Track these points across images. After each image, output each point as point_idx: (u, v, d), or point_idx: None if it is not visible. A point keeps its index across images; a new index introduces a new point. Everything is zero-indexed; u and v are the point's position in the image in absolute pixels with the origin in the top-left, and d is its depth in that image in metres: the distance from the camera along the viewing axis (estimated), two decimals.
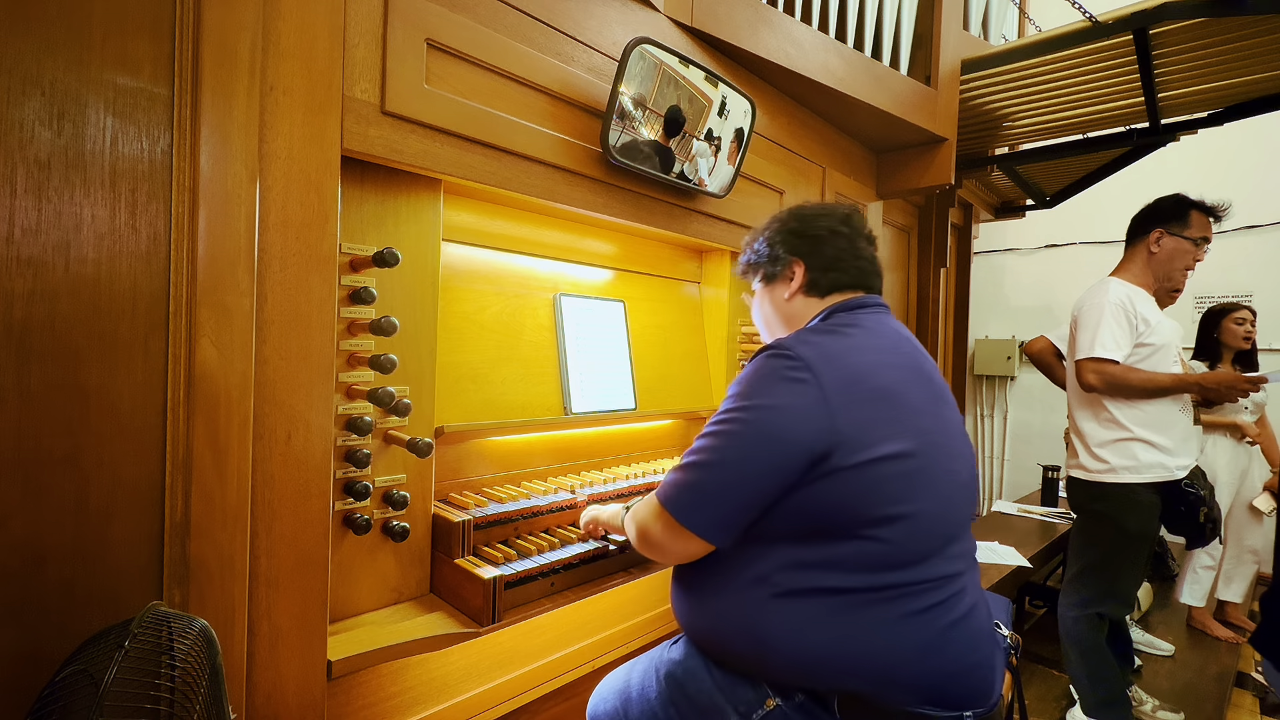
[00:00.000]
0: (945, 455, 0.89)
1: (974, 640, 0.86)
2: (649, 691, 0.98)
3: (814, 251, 1.05)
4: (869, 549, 0.82)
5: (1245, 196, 3.78)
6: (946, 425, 0.93)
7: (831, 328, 0.96)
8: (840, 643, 0.81)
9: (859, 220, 1.10)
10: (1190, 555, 2.89)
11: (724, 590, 0.89)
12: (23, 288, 0.74)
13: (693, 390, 1.96)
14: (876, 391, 0.86)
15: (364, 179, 1.11)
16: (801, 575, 0.83)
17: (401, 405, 1.13)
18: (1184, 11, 1.85)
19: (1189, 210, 1.97)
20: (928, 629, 0.82)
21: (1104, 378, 1.91)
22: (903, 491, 0.83)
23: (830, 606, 0.82)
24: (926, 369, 0.96)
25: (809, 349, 0.87)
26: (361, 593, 1.15)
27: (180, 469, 0.84)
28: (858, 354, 0.89)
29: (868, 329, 0.95)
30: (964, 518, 0.93)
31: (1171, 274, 2.00)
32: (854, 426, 0.82)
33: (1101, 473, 1.97)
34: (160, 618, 0.69)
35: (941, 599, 0.84)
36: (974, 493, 0.97)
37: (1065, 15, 2.14)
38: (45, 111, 0.74)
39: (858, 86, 1.99)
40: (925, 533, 0.84)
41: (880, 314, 1.02)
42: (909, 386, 0.90)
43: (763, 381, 0.87)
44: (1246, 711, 2.41)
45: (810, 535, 0.84)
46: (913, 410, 0.88)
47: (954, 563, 0.88)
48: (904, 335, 1.00)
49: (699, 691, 0.91)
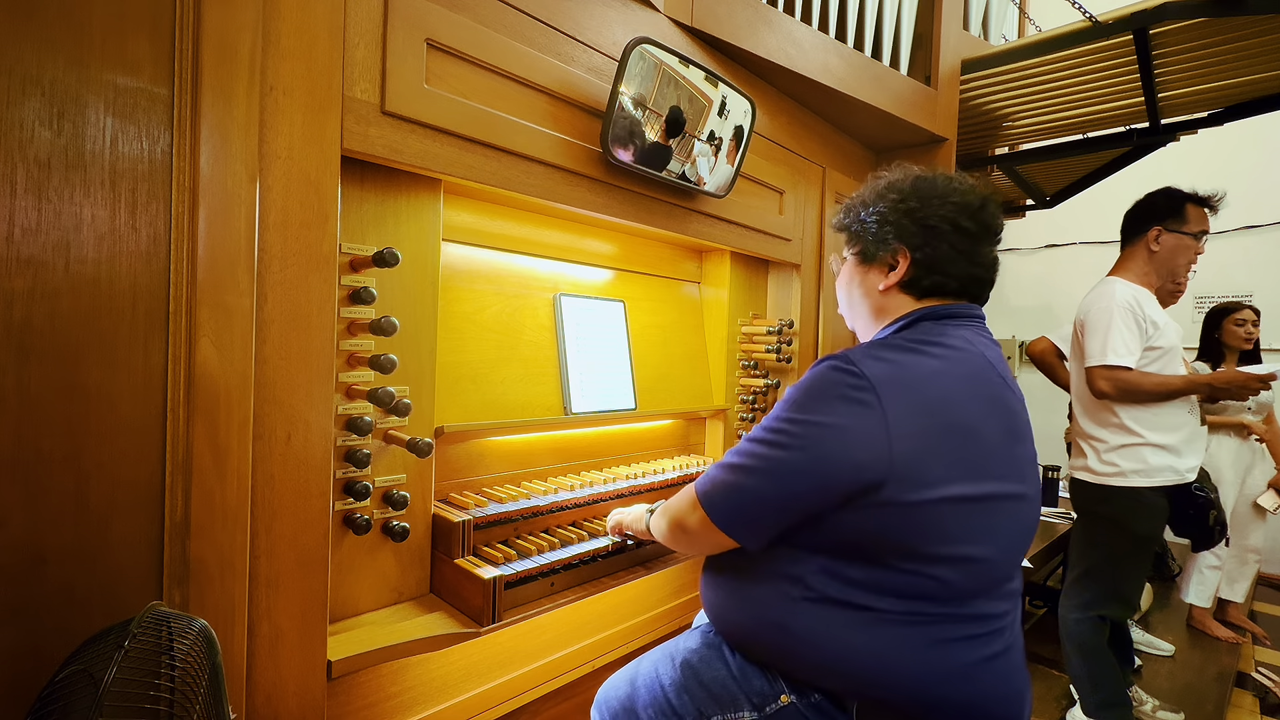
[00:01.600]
0: (1013, 500, 0.83)
1: (1007, 676, 0.82)
2: (662, 678, 0.96)
3: (927, 245, 0.91)
4: (915, 583, 0.78)
5: (1245, 196, 3.79)
6: (1020, 467, 0.85)
7: (913, 343, 0.85)
8: (869, 654, 0.78)
9: (992, 214, 0.93)
10: (1195, 555, 2.89)
11: (757, 582, 0.87)
12: (23, 287, 0.74)
13: (693, 390, 1.96)
14: (949, 427, 0.78)
15: (364, 179, 1.11)
16: (837, 586, 0.80)
17: (401, 405, 1.13)
18: (1184, 11, 1.85)
19: (1184, 204, 1.94)
20: (962, 658, 0.79)
21: (1116, 384, 1.89)
22: (961, 534, 0.77)
23: (864, 619, 0.79)
24: (1009, 402, 0.87)
25: (879, 367, 0.79)
26: (361, 593, 1.15)
27: (180, 469, 0.84)
28: (935, 380, 0.80)
29: (954, 350, 0.84)
30: (1020, 559, 0.88)
31: (1175, 270, 1.98)
32: (914, 461, 0.76)
33: (1110, 476, 1.95)
34: (160, 618, 0.69)
35: (981, 633, 0.80)
36: (1034, 530, 0.90)
37: (1065, 15, 2.13)
38: (45, 111, 0.74)
39: (858, 86, 1.99)
40: (979, 576, 0.80)
41: (974, 329, 0.91)
42: (986, 422, 0.82)
43: (822, 396, 0.80)
44: (1246, 711, 2.41)
45: (853, 554, 0.80)
46: (987, 450, 0.81)
47: (1001, 602, 0.84)
48: (991, 359, 0.88)
49: (714, 679, 0.90)
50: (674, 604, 1.74)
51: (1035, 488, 0.89)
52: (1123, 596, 2.01)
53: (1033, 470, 0.89)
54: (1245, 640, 2.88)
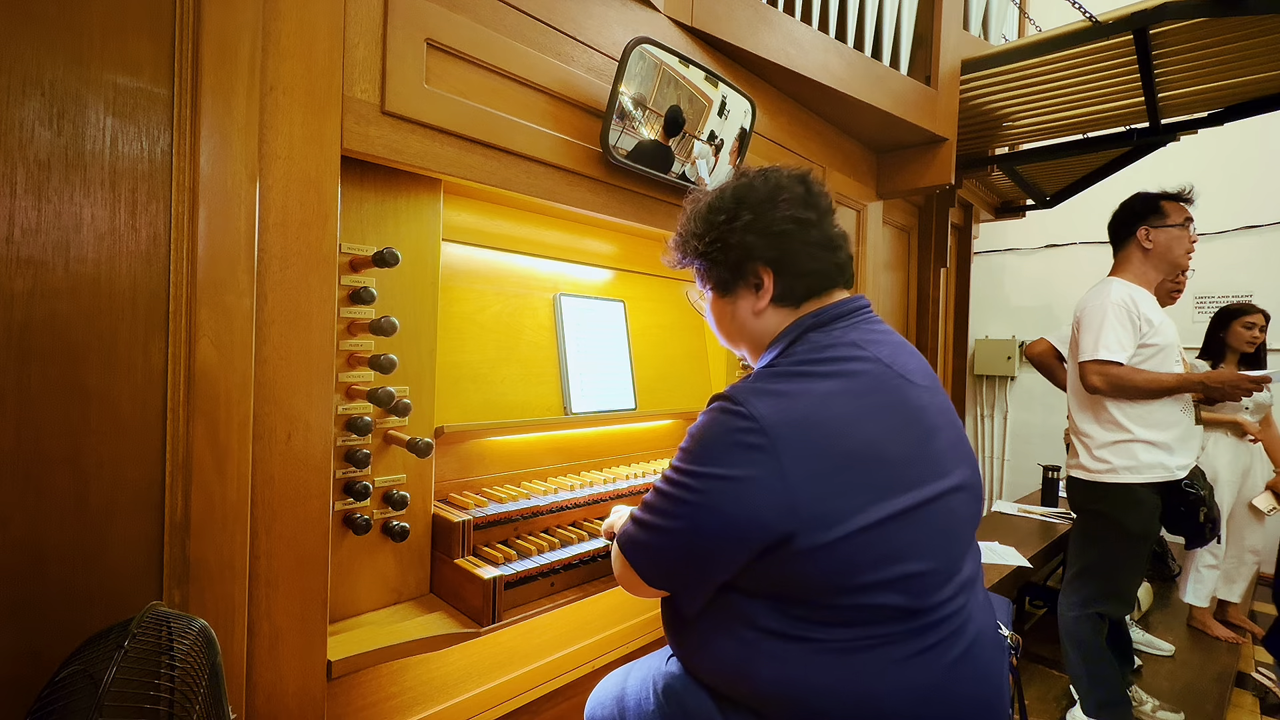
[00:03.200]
0: (938, 500, 0.80)
1: (981, 672, 0.81)
2: (646, 704, 0.96)
3: (784, 254, 0.88)
4: (861, 612, 0.75)
5: (1245, 196, 3.79)
6: (939, 462, 0.82)
7: (802, 365, 0.82)
8: (837, 688, 0.75)
9: (818, 191, 0.90)
10: (1192, 555, 2.89)
11: (712, 631, 0.84)
12: (23, 287, 0.74)
13: (693, 390, 1.96)
14: (850, 454, 0.75)
15: (364, 179, 1.11)
16: (789, 624, 0.78)
17: (401, 405, 1.13)
18: (1184, 11, 1.85)
19: (1158, 202, 2.00)
20: (931, 670, 0.77)
21: (1108, 379, 1.91)
22: (891, 555, 0.75)
23: (825, 651, 0.76)
24: (914, 400, 0.83)
25: (768, 406, 0.76)
26: (361, 593, 1.15)
27: (180, 469, 0.84)
28: (828, 406, 0.77)
29: (846, 363, 0.82)
30: (965, 550, 0.85)
31: (1176, 261, 2.01)
32: (819, 504, 0.73)
33: (1102, 473, 1.97)
34: (160, 618, 0.69)
35: (944, 635, 0.78)
36: (977, 513, 0.88)
37: (1065, 15, 2.13)
38: (45, 111, 0.74)
39: (858, 86, 1.99)
40: (923, 588, 0.77)
41: (862, 326, 0.88)
42: (892, 434, 0.79)
43: (714, 444, 0.77)
44: (1246, 711, 2.41)
45: (792, 596, 0.77)
46: (899, 464, 0.78)
47: (957, 596, 0.81)
48: (884, 360, 0.85)
49: (698, 709, 0.88)
50: None
51: (966, 472, 0.85)
52: (1120, 593, 2.02)
53: (957, 455, 0.85)
54: (1245, 640, 2.88)
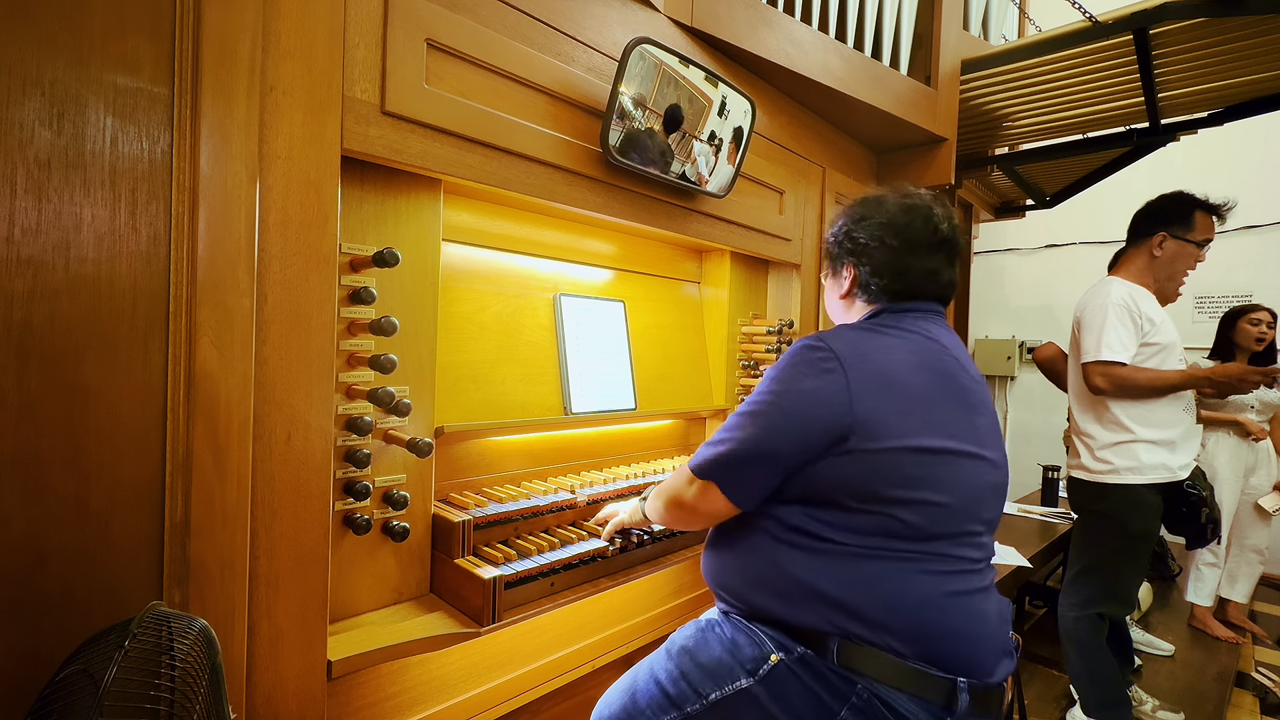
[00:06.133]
0: (971, 458, 0.94)
1: (976, 613, 0.90)
2: (658, 674, 1.02)
3: (863, 259, 1.08)
4: (880, 522, 0.88)
5: (1245, 196, 3.78)
6: (978, 434, 0.96)
7: (874, 326, 1.01)
8: (842, 586, 0.88)
9: (919, 230, 1.05)
10: (1193, 554, 2.89)
11: (748, 533, 0.99)
12: (23, 287, 0.74)
13: (693, 390, 1.96)
14: (903, 392, 0.91)
15: (364, 179, 1.11)
16: (814, 525, 0.92)
17: (401, 405, 1.13)
18: (1184, 11, 1.85)
19: (1193, 211, 1.95)
20: (930, 589, 0.88)
21: (1111, 380, 1.90)
22: (920, 480, 0.88)
23: (836, 554, 0.90)
24: (962, 379, 0.98)
25: (841, 343, 0.94)
26: (361, 593, 1.15)
27: (180, 469, 0.84)
28: (888, 353, 0.95)
29: (908, 333, 0.99)
30: (987, 516, 0.97)
31: (1174, 275, 2.00)
32: (873, 415, 0.88)
33: (1104, 473, 1.97)
34: (160, 618, 0.69)
35: (948, 570, 0.90)
36: (1002, 495, 1.00)
37: (1065, 15, 2.13)
38: (45, 111, 0.74)
39: (858, 86, 1.99)
40: (943, 520, 0.90)
41: (927, 319, 1.04)
42: (937, 391, 0.94)
43: (795, 369, 0.95)
44: (1246, 711, 2.41)
45: (825, 501, 0.91)
46: (941, 413, 0.93)
47: (968, 550, 0.93)
48: (945, 344, 1.01)
49: (709, 658, 0.97)
50: (674, 604, 1.74)
51: (998, 455, 0.99)
52: (1121, 594, 2.02)
53: (993, 439, 0.99)
54: (1245, 640, 2.88)
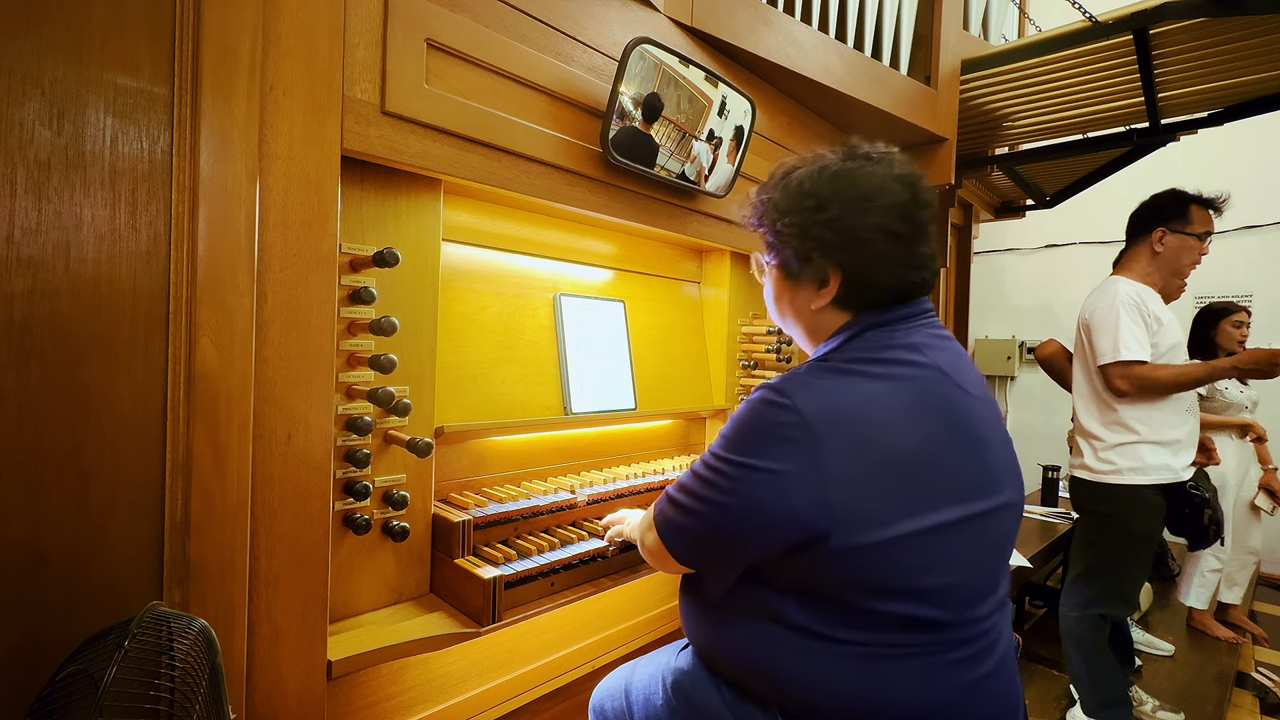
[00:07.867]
0: (987, 517, 0.77)
1: (1004, 690, 0.80)
2: (654, 699, 0.96)
3: (856, 259, 0.82)
4: (890, 617, 0.73)
5: (1246, 196, 3.79)
6: (991, 471, 0.79)
7: (854, 362, 0.79)
8: (862, 691, 0.74)
9: (924, 200, 0.83)
10: (1196, 557, 2.88)
11: (739, 620, 0.82)
12: (23, 287, 0.74)
13: (693, 390, 1.96)
14: (895, 459, 0.73)
15: (364, 179, 1.11)
16: (818, 622, 0.75)
17: (401, 405, 1.13)
18: (1184, 11, 1.85)
19: (1189, 206, 1.96)
20: (958, 681, 0.75)
21: (1133, 381, 1.88)
22: (924, 566, 0.73)
23: (851, 654, 0.74)
24: (968, 410, 0.80)
25: (812, 399, 0.74)
26: (361, 593, 1.15)
27: (180, 469, 0.84)
28: (875, 408, 0.74)
29: (901, 366, 0.78)
30: (1003, 567, 0.83)
31: (1180, 270, 2.00)
32: (855, 506, 0.71)
33: (1107, 474, 1.96)
34: (160, 618, 0.69)
35: (974, 651, 0.77)
36: (1014, 535, 0.85)
37: (1065, 15, 2.13)
38: (45, 111, 0.74)
39: (858, 86, 1.99)
40: (955, 601, 0.75)
41: (924, 330, 0.84)
42: (940, 443, 0.76)
43: (753, 434, 0.76)
44: (1246, 711, 2.41)
45: (821, 594, 0.75)
46: (948, 473, 0.75)
47: (992, 615, 0.80)
48: (943, 366, 0.81)
49: (707, 704, 0.87)
50: (674, 604, 1.74)
51: (1013, 491, 0.83)
52: (1122, 595, 2.02)
53: (1007, 472, 0.82)
54: (1245, 640, 2.88)
